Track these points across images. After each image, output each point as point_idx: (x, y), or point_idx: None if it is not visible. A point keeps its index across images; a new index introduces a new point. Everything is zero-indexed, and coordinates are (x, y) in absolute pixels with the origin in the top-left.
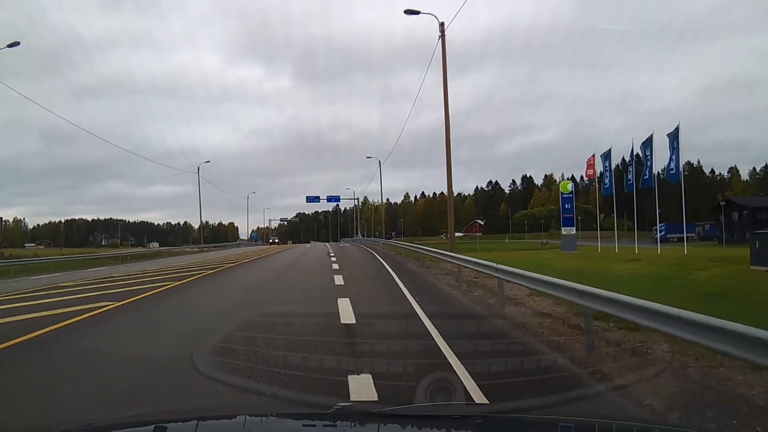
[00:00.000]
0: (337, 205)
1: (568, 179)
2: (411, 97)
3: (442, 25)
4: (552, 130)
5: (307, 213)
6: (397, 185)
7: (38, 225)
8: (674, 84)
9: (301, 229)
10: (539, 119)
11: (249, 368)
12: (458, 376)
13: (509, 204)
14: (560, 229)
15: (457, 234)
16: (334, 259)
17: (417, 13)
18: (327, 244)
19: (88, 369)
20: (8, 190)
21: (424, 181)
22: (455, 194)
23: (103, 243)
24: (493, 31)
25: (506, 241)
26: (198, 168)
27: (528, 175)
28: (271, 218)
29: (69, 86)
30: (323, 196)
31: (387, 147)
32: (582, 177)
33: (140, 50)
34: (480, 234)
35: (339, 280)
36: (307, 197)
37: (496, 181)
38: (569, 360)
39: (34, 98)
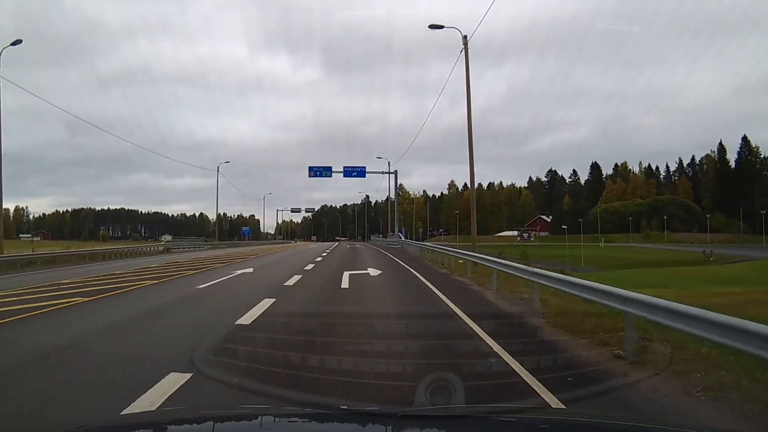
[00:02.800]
0: (367, 196)
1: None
2: (441, 90)
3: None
4: (585, 126)
5: (334, 206)
6: (426, 181)
7: (43, 215)
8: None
9: (324, 224)
10: (574, 115)
11: None
12: None
13: (573, 197)
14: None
15: (511, 233)
16: None
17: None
18: (327, 251)
19: None
20: (34, 179)
21: (455, 177)
22: (504, 184)
23: (111, 235)
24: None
25: (601, 245)
26: None
27: (596, 162)
28: (280, 208)
29: (90, 76)
30: (337, 168)
31: (415, 141)
32: (658, 167)
33: (161, 39)
34: (546, 233)
35: None
36: (311, 168)
37: (555, 171)
38: None
39: (55, 87)
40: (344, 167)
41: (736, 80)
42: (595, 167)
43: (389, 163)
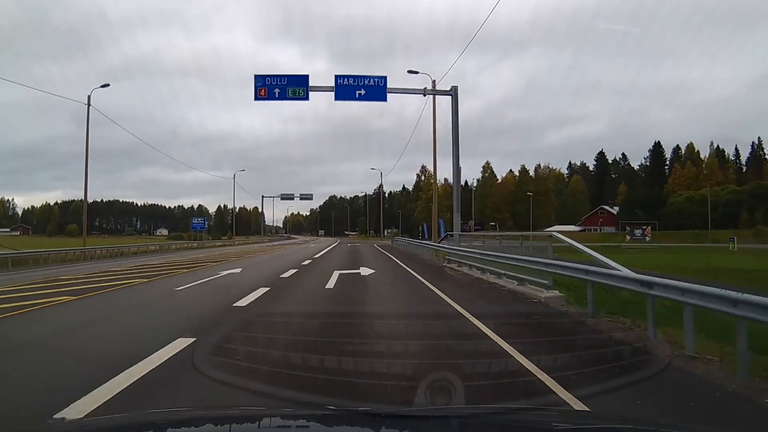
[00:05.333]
0: (381, 185)
1: None
2: (452, 82)
3: (433, 82)
4: (596, 120)
5: (344, 197)
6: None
7: (32, 207)
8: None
9: (332, 217)
10: (587, 109)
11: None
12: None
13: (629, 185)
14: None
15: (571, 227)
16: None
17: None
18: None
19: None
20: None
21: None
22: (546, 167)
23: (106, 228)
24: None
25: (732, 247)
26: None
27: (658, 143)
28: (264, 195)
29: (97, 68)
30: (320, 81)
31: (427, 137)
32: (724, 150)
33: (166, 31)
34: (613, 228)
35: None
36: (258, 81)
37: (604, 153)
38: None
39: (59, 79)
40: (337, 78)
41: (752, 75)
42: (656, 149)
43: (434, 81)
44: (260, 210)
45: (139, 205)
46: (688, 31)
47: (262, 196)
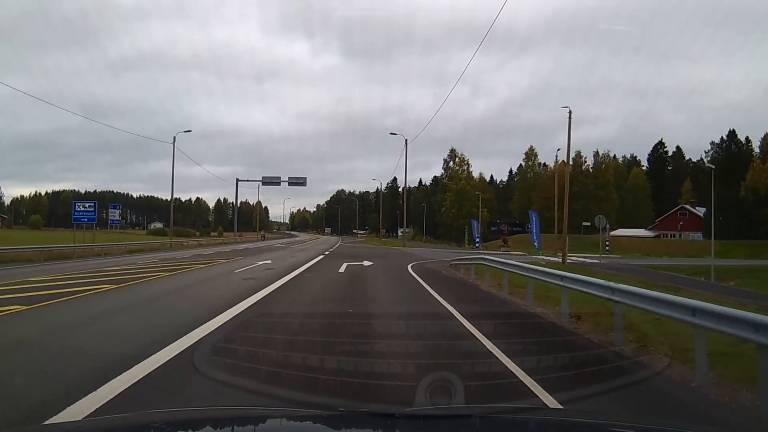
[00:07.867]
0: (395, 179)
1: None
2: (462, 80)
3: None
4: (608, 121)
5: (352, 192)
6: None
7: (21, 197)
8: None
9: (339, 213)
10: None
11: None
12: None
13: (693, 180)
14: None
15: (641, 231)
16: None
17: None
18: None
19: None
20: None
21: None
22: (605, 155)
23: (99, 219)
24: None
25: None
26: None
27: (732, 131)
28: (239, 178)
29: (101, 61)
30: None
31: (435, 133)
32: None
33: (173, 23)
34: (699, 234)
35: None
36: None
37: (663, 142)
38: None
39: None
40: None
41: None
42: (731, 139)
43: None
44: (236, 199)
45: (134, 197)
46: (703, 33)
47: (237, 179)
